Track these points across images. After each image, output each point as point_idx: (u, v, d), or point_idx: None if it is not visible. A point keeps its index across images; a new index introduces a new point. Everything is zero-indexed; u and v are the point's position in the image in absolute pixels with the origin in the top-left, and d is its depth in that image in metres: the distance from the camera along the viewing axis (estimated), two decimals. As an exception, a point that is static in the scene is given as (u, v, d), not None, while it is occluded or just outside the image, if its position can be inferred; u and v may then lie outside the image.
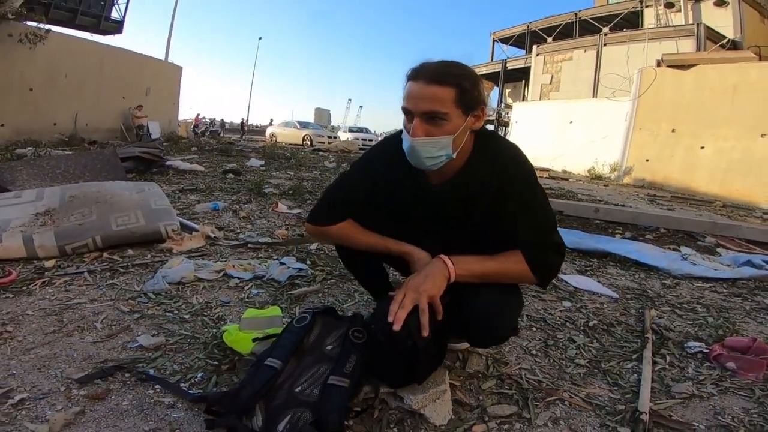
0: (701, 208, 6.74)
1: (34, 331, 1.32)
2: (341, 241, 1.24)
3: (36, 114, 9.46)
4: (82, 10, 12.66)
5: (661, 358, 1.45)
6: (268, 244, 2.45)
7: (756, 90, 8.89)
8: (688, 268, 2.60)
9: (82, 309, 1.50)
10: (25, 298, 1.55)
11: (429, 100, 0.96)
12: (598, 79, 16.27)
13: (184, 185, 4.23)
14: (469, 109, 1.00)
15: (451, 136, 0.99)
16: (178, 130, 15.98)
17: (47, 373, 1.11)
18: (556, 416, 1.10)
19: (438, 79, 0.97)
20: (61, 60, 10.11)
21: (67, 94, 10.32)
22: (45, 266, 1.87)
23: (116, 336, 1.33)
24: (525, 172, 1.07)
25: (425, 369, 1.06)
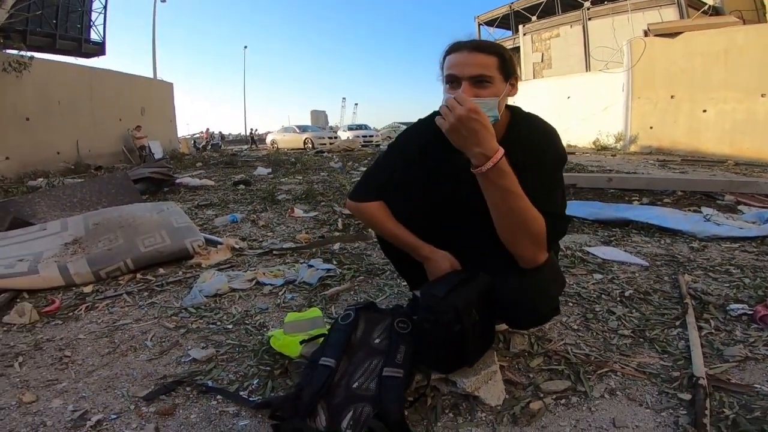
0: (714, 168, 6.67)
1: (90, 354, 1.37)
2: (372, 223, 1.27)
3: (37, 144, 9.49)
4: (60, 34, 12.52)
5: (705, 323, 1.44)
6: (293, 249, 2.48)
7: (746, 53, 9.00)
8: (713, 229, 2.58)
9: (130, 329, 1.54)
10: (73, 324, 1.61)
11: (476, 65, 1.04)
12: (588, 53, 16.26)
13: (199, 201, 4.27)
14: (507, 75, 1.07)
15: (497, 97, 1.05)
16: (179, 147, 16.05)
17: (114, 393, 1.15)
18: (612, 387, 1.10)
19: (482, 48, 1.06)
20: (51, 87, 10.10)
21: (63, 121, 10.33)
22: (84, 291, 1.93)
23: (168, 352, 1.37)
24: (559, 153, 1.14)
25: (475, 351, 1.07)
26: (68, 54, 13.06)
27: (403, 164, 1.22)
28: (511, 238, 1.05)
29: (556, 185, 1.13)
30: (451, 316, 0.97)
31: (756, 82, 8.80)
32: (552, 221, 1.05)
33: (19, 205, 3.29)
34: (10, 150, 8.81)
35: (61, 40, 12.60)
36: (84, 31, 13.65)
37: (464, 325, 0.98)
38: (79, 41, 13.48)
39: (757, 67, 8.77)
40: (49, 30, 12.22)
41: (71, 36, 13.19)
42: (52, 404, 1.09)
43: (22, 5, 9.47)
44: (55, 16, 12.21)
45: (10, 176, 7.92)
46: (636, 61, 10.83)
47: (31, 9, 10.35)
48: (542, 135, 1.13)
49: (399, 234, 1.21)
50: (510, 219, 1.02)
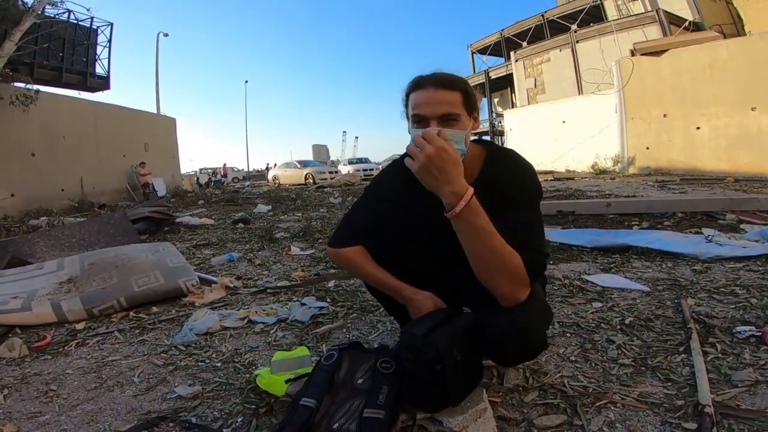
0: (713, 186, 6.67)
1: (76, 389, 1.37)
2: (352, 268, 1.26)
3: (42, 181, 9.54)
4: (66, 68, 12.72)
5: (710, 347, 1.38)
6: (287, 287, 2.46)
7: (730, 67, 9.20)
8: (716, 250, 2.54)
9: (119, 365, 1.55)
10: (63, 359, 1.62)
11: (443, 103, 1.04)
12: (579, 76, 16.58)
13: (197, 240, 4.28)
14: (471, 110, 1.09)
15: (464, 132, 1.05)
16: (182, 183, 16.24)
17: (96, 427, 1.15)
18: (611, 419, 1.05)
19: (447, 85, 1.05)
20: (57, 121, 10.22)
21: (68, 157, 10.42)
22: (76, 328, 1.95)
23: (155, 388, 1.36)
24: (534, 190, 1.14)
25: (458, 390, 1.03)
26: (74, 88, 13.29)
27: (380, 208, 1.22)
28: (487, 277, 1.02)
29: (534, 220, 1.11)
30: (431, 355, 0.94)
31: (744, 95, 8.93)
32: (530, 257, 1.03)
33: (18, 244, 3.33)
34: (15, 186, 8.90)
35: (67, 73, 12.77)
36: (89, 65, 13.88)
37: (445, 364, 0.96)
38: (85, 75, 13.67)
39: (744, 81, 8.92)
40: (55, 63, 12.42)
41: (77, 69, 13.38)
42: None
43: (30, 38, 9.70)
44: (61, 49, 12.51)
45: (14, 214, 7.98)
46: (626, 82, 11.06)
47: (38, 42, 10.58)
48: (518, 171, 1.14)
49: (380, 277, 1.20)
50: (485, 258, 1.00)
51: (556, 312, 1.77)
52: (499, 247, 0.98)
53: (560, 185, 8.47)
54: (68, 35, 12.39)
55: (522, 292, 1.03)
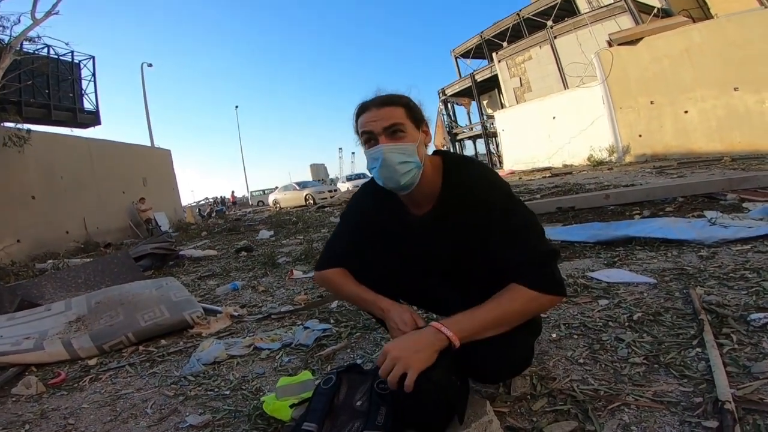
0: (711, 167, 6.63)
1: (93, 422, 1.41)
2: (332, 287, 1.28)
3: (46, 224, 9.46)
4: (54, 105, 12.65)
5: (725, 338, 1.33)
6: (290, 312, 2.46)
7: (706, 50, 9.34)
8: (721, 233, 2.50)
9: (131, 398, 1.57)
10: (78, 394, 1.67)
11: (386, 118, 1.07)
12: (563, 71, 16.68)
13: (202, 272, 4.29)
14: (417, 122, 1.10)
15: (415, 143, 1.07)
16: (184, 216, 16.21)
17: None
18: (626, 422, 1.01)
19: (388, 102, 1.09)
20: (53, 160, 10.10)
21: (68, 197, 10.32)
22: (89, 364, 2.00)
23: (167, 419, 1.38)
24: (501, 190, 1.09)
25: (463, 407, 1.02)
26: (64, 125, 13.20)
27: (357, 232, 1.25)
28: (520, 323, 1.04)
29: (520, 222, 1.07)
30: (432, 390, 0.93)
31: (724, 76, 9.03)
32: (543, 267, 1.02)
33: (26, 288, 3.38)
34: (20, 231, 8.85)
35: (55, 110, 12.67)
36: (77, 100, 13.80)
37: (448, 394, 0.95)
38: (74, 111, 13.56)
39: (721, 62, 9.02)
40: (43, 100, 12.35)
41: (65, 106, 13.30)
42: None
43: (13, 75, 9.65)
44: (46, 86, 12.49)
45: (21, 258, 7.97)
46: (608, 73, 11.17)
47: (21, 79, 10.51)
48: (479, 179, 1.11)
49: (358, 292, 1.20)
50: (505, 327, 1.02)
51: (561, 313, 1.75)
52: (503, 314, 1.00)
53: (558, 181, 8.46)
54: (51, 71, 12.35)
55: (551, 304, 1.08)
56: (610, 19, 14.92)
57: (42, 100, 12.50)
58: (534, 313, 1.06)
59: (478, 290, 1.06)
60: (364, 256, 1.22)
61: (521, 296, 1.01)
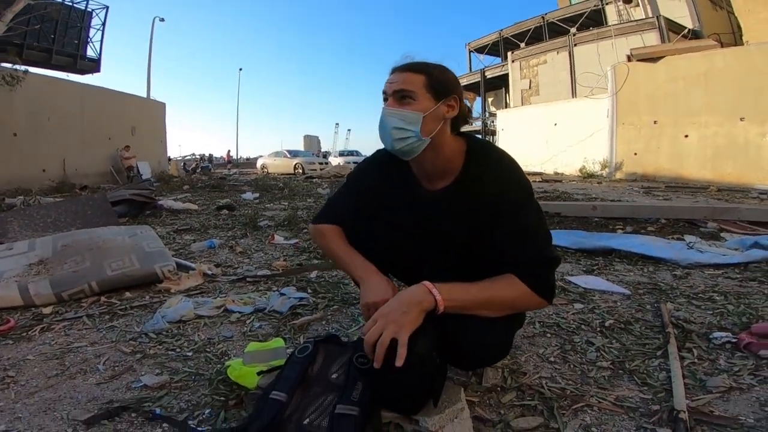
0: (697, 195, 6.77)
1: (36, 375, 1.31)
2: (322, 240, 1.24)
3: (23, 161, 9.38)
4: (57, 50, 12.55)
5: (687, 352, 1.39)
6: (267, 277, 2.40)
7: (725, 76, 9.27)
8: (696, 257, 2.57)
9: (84, 352, 1.48)
10: (25, 344, 1.55)
11: (400, 81, 1.05)
12: (574, 80, 16.67)
13: (179, 225, 4.18)
14: (439, 95, 1.05)
15: (420, 113, 1.03)
16: (168, 168, 15.91)
17: (53, 416, 1.09)
18: (587, 423, 1.03)
19: (409, 67, 1.06)
20: (42, 102, 10.03)
21: (52, 138, 10.24)
22: (43, 313, 1.86)
23: (120, 377, 1.30)
24: (521, 186, 1.07)
25: (440, 390, 1.00)
26: (63, 69, 13.09)
27: (363, 196, 1.22)
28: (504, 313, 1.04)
29: (533, 224, 1.05)
30: (414, 363, 0.89)
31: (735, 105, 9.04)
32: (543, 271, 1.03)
33: (-11, 224, 3.19)
34: None
35: (57, 55, 12.63)
36: (81, 47, 13.69)
37: (429, 369, 0.92)
38: (75, 57, 13.50)
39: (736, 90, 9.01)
40: (46, 45, 12.25)
41: (67, 52, 13.22)
42: None
43: (22, 19, 9.48)
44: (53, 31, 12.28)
45: (-10, 192, 7.75)
46: (620, 87, 11.13)
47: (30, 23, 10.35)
48: (502, 169, 1.08)
49: (347, 252, 1.17)
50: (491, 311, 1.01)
51: (538, 311, 1.76)
52: (490, 298, 1.00)
53: (548, 186, 8.52)
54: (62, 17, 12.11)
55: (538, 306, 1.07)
56: (636, 34, 14.85)
57: (45, 45, 12.36)
58: (520, 309, 1.07)
59: (473, 275, 1.04)
60: (363, 221, 1.19)
61: (515, 288, 1.01)
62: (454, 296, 0.97)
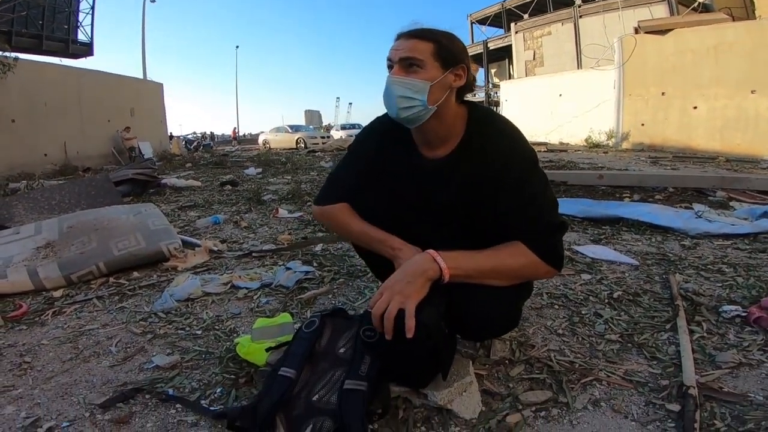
0: (705, 165, 6.66)
1: (51, 360, 1.32)
2: (336, 224, 1.20)
3: (24, 147, 9.40)
4: (47, 35, 12.45)
5: (696, 325, 1.37)
6: (273, 251, 2.40)
7: (736, 50, 9.08)
8: (705, 226, 2.53)
9: (96, 334, 1.49)
10: (38, 329, 1.56)
11: (407, 49, 1.01)
12: (580, 51, 16.35)
13: (183, 202, 4.18)
14: (447, 64, 1.01)
15: (427, 82, 0.99)
16: (170, 147, 15.87)
17: (70, 400, 1.10)
18: (596, 398, 1.03)
19: (417, 34, 1.02)
20: (37, 88, 9.98)
21: (50, 123, 10.23)
22: (54, 296, 1.87)
23: (132, 358, 1.32)
24: (525, 154, 1.03)
25: (449, 362, 1.00)
26: (55, 55, 12.94)
27: (364, 167, 1.17)
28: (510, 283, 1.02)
29: (538, 191, 1.02)
30: (421, 334, 0.88)
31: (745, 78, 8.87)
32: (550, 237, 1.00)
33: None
34: None
35: (47, 41, 12.48)
36: (71, 32, 13.51)
37: (437, 341, 0.91)
38: (67, 42, 13.36)
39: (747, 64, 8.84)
40: (35, 31, 12.09)
41: (58, 37, 13.05)
42: (5, 411, 1.05)
43: (7, 6, 9.33)
44: (41, 17, 12.08)
45: (-6, 179, 7.76)
46: (627, 59, 10.90)
47: (16, 9, 10.19)
48: (504, 137, 1.04)
49: (365, 230, 1.13)
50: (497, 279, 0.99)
51: (545, 282, 1.75)
52: (496, 266, 0.98)
53: (553, 156, 8.42)
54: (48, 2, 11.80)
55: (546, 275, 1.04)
56: (644, 7, 14.38)
57: (34, 31, 12.08)
58: (527, 278, 1.03)
59: (479, 246, 1.02)
60: (366, 193, 1.16)
61: (522, 256, 0.99)
62: (460, 264, 0.95)
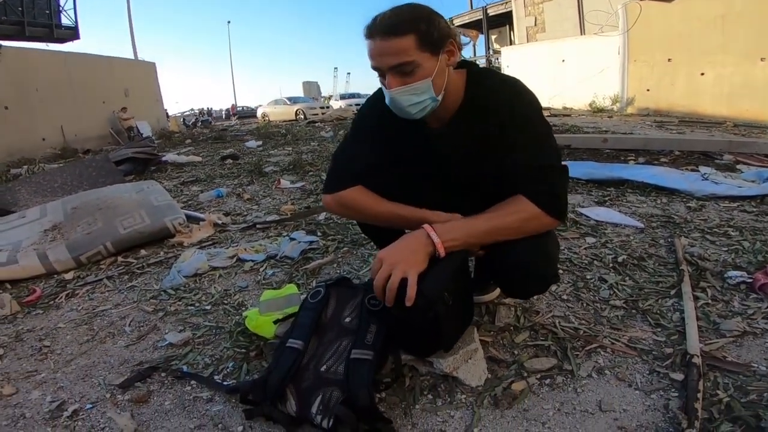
0: (712, 130, 6.53)
1: (69, 343, 1.35)
2: (358, 210, 1.09)
3: (20, 132, 9.33)
4: (29, 21, 11.98)
5: (701, 291, 1.34)
6: (276, 222, 2.41)
7: (744, 18, 8.84)
8: (711, 188, 2.50)
9: (109, 315, 1.52)
10: (54, 312, 1.58)
11: (392, 54, 0.91)
12: (582, 17, 15.84)
13: (185, 178, 4.18)
14: (436, 47, 0.93)
15: (428, 79, 0.93)
16: (168, 125, 15.74)
17: (91, 382, 1.13)
18: (600, 365, 1.03)
19: (393, 31, 0.90)
20: (26, 74, 9.89)
21: (45, 107, 10.14)
22: (65, 279, 1.90)
23: (146, 337, 1.35)
24: (526, 102, 0.98)
25: (451, 334, 1.01)
26: (40, 41, 12.58)
27: (371, 143, 1.08)
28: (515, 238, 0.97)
29: (540, 132, 0.97)
30: (420, 304, 0.87)
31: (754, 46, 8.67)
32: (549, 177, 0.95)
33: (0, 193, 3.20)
34: None
35: (30, 27, 12.08)
36: (54, 17, 13.03)
37: (437, 311, 0.91)
38: (50, 27, 12.91)
39: (756, 32, 8.64)
40: (16, 18, 11.70)
41: (41, 22, 12.61)
42: (31, 396, 1.08)
43: None
44: (20, 4, 11.67)
45: (-6, 166, 7.74)
46: (632, 25, 10.68)
47: None
48: (502, 85, 1.00)
49: (396, 211, 1.05)
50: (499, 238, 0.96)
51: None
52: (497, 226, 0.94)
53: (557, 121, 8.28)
54: None
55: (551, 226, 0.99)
56: None
57: (15, 18, 11.62)
58: (531, 231, 0.97)
59: None
60: (378, 172, 1.07)
61: (523, 211, 0.94)
62: (455, 236, 0.93)
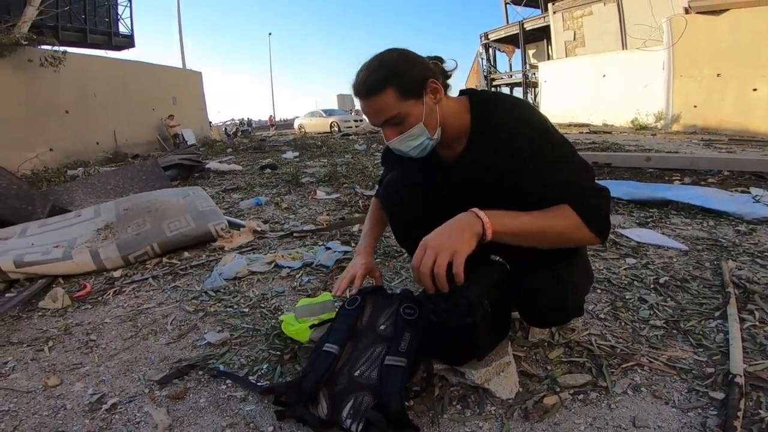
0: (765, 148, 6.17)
1: (114, 338, 1.41)
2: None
3: (77, 136, 10.00)
4: (90, 29, 13.00)
5: (748, 314, 1.30)
6: (312, 231, 2.49)
7: None
8: (763, 211, 2.37)
9: (153, 313, 1.58)
10: (101, 308, 1.66)
11: (378, 112, 0.97)
12: (624, 31, 15.44)
13: (226, 185, 4.37)
14: (417, 92, 0.96)
15: (419, 124, 0.98)
16: (211, 134, 16.45)
17: (132, 377, 1.18)
18: (636, 383, 1.01)
19: (371, 92, 0.95)
20: (87, 80, 10.56)
21: (100, 113, 10.82)
22: (114, 276, 2.00)
23: (186, 336, 1.40)
24: (534, 125, 0.96)
25: (486, 344, 1.01)
26: (100, 47, 13.58)
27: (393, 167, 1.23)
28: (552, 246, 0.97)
29: (560, 159, 0.95)
30: (462, 308, 0.89)
31: None
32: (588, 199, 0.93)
33: (58, 193, 3.47)
34: (53, 142, 9.32)
35: (91, 34, 13.12)
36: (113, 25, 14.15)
37: (476, 317, 0.91)
38: (109, 35, 14.03)
39: None
40: (79, 25, 12.74)
41: (101, 30, 13.72)
42: (74, 388, 1.13)
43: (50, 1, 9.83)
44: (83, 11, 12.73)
45: (54, 167, 8.31)
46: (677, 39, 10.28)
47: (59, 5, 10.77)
48: (509, 112, 0.99)
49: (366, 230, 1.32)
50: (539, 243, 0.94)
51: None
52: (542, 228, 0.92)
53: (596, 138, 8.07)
54: None
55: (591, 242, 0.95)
56: None
57: (78, 25, 12.74)
58: (572, 243, 0.95)
59: None
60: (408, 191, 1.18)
61: (569, 218, 0.91)
62: (505, 222, 0.89)
